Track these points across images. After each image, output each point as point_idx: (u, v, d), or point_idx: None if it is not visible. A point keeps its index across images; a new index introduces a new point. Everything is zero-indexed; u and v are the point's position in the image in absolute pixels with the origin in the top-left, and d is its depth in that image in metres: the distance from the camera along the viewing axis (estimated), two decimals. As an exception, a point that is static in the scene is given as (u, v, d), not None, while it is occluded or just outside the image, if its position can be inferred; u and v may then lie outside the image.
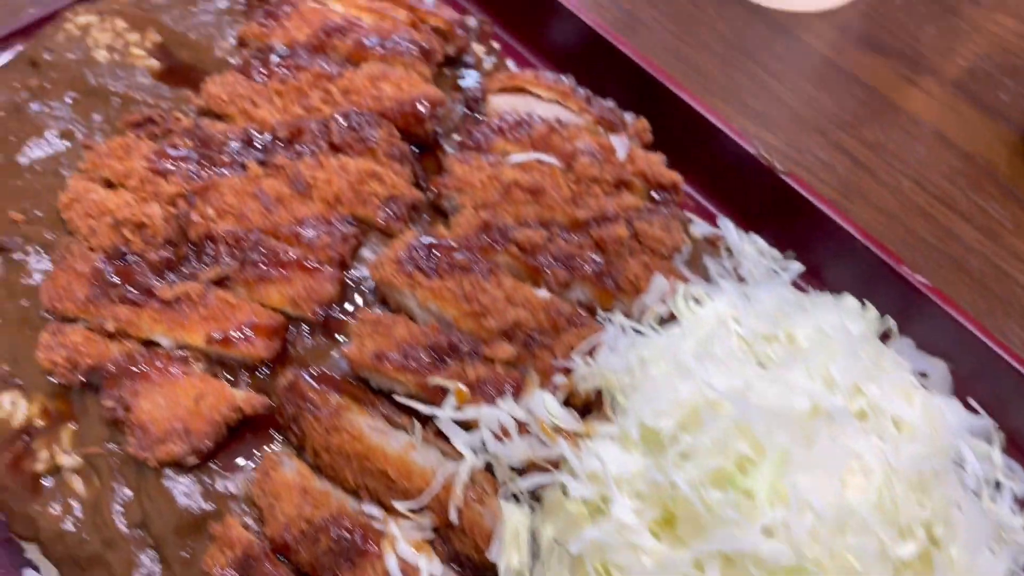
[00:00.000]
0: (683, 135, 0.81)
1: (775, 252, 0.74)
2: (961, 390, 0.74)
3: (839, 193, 0.92)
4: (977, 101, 1.00)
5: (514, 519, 0.52)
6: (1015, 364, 0.74)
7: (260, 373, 0.60)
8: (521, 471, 0.55)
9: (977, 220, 0.91)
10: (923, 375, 0.73)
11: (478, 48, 0.82)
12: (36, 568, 0.61)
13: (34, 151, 0.67)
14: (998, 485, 0.71)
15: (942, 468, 0.52)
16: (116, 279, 0.59)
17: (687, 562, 0.46)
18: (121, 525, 0.55)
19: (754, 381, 0.52)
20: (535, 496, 0.55)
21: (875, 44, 1.04)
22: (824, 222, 0.79)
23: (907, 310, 0.76)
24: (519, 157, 0.67)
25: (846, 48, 1.03)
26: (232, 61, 0.74)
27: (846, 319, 0.59)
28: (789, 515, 0.46)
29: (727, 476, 0.48)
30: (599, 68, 0.87)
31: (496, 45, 0.86)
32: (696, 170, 0.82)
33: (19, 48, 0.88)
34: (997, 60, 1.04)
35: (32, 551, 0.59)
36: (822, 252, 0.79)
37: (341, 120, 0.67)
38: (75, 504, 0.56)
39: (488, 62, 0.81)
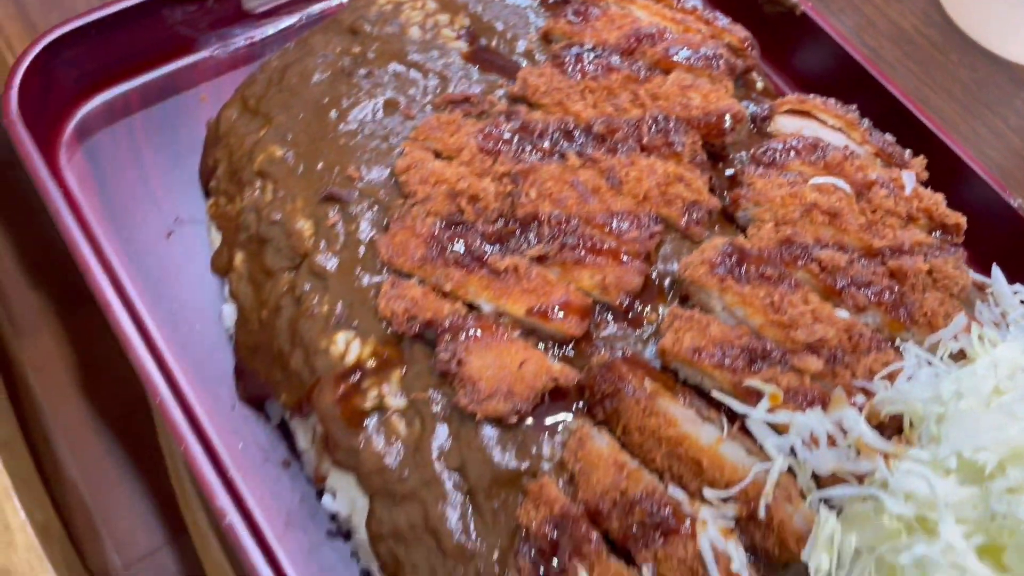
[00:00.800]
0: (935, 179, 0.83)
1: (1029, 298, 0.75)
2: None
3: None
4: None
5: (829, 525, 0.55)
6: None
7: (565, 350, 0.64)
8: (819, 481, 0.58)
9: None
10: None
11: (753, 73, 0.84)
12: (332, 494, 0.67)
13: (363, 115, 0.73)
14: None
15: None
16: (451, 244, 0.64)
17: (1021, 591, 0.48)
18: (440, 468, 0.60)
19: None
20: (831, 506, 0.57)
21: (1118, 110, 1.03)
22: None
23: None
24: (818, 179, 0.70)
25: (1086, 111, 1.03)
26: (537, 55, 0.78)
27: None
28: None
29: (1060, 516, 0.50)
30: (851, 99, 0.89)
31: (764, 70, 0.89)
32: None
33: (321, 6, 0.95)
34: None
35: (338, 479, 0.65)
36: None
37: (652, 123, 0.70)
38: (397, 443, 0.61)
39: (760, 82, 0.84)
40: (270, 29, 0.94)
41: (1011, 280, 0.80)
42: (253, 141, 0.73)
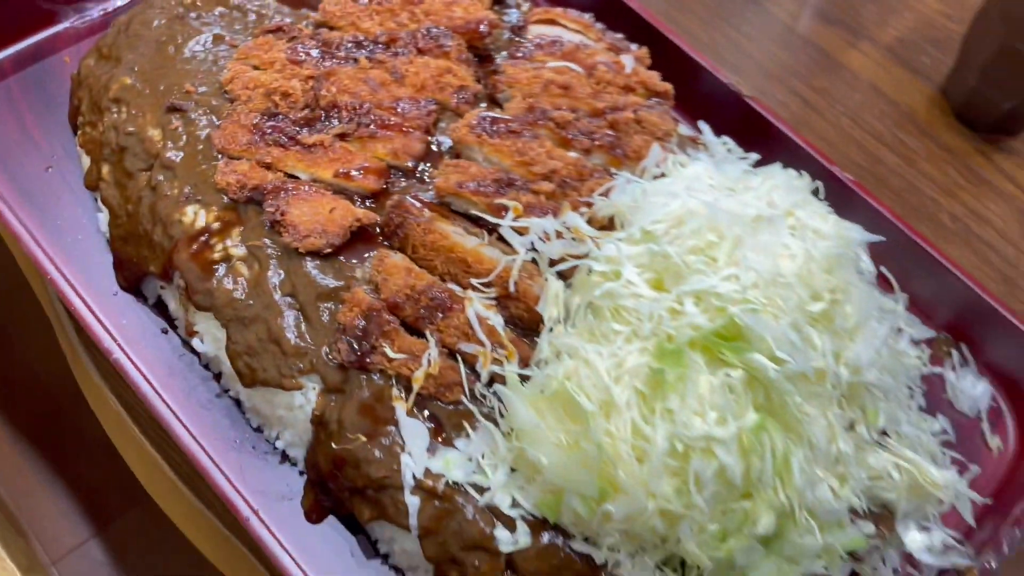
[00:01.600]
0: (671, 69, 1.06)
1: (741, 151, 0.99)
2: (876, 262, 1.00)
3: (792, 125, 1.17)
4: (905, 63, 1.26)
5: (555, 286, 0.76)
6: (920, 242, 0.99)
7: (368, 202, 0.84)
8: (552, 263, 0.79)
9: (898, 150, 1.17)
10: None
11: (517, -5, 1.07)
12: (200, 339, 0.84)
13: (195, 47, 0.91)
14: (900, 330, 0.97)
15: (845, 260, 0.77)
16: (269, 130, 0.83)
17: (672, 299, 0.70)
18: (276, 295, 0.78)
19: (720, 198, 0.76)
20: (566, 281, 0.78)
21: (826, 16, 1.29)
22: (776, 133, 1.04)
23: (836, 199, 1.01)
24: (554, 64, 0.92)
25: (803, 18, 1.29)
26: (337, -8, 0.98)
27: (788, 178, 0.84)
28: (739, 271, 0.71)
29: (699, 249, 0.72)
30: (608, 19, 1.11)
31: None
32: (681, 96, 1.06)
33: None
34: (922, 32, 1.30)
35: (202, 323, 0.82)
36: (771, 154, 1.03)
37: (425, 33, 0.91)
38: (242, 281, 0.79)
39: (525, 5, 1.06)
40: (119, 1, 1.10)
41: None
42: (108, 77, 0.90)
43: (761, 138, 1.04)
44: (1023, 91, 1.12)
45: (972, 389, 0.96)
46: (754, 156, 0.96)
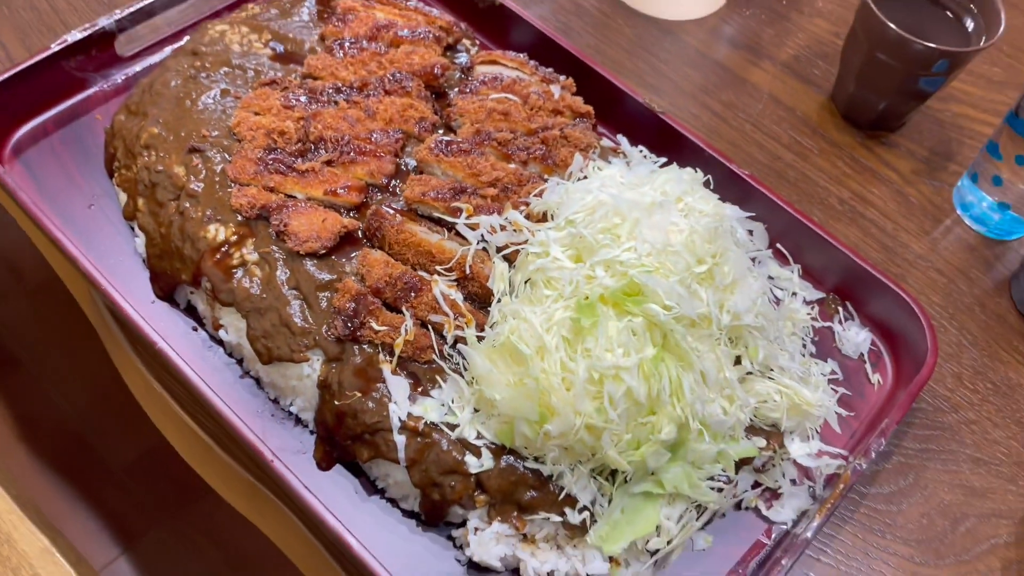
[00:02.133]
0: (598, 94, 1.29)
1: (653, 156, 1.21)
2: (773, 241, 1.22)
3: (704, 133, 1.39)
4: (799, 76, 1.49)
5: (500, 267, 0.98)
6: (809, 224, 1.21)
7: (352, 213, 1.05)
8: (499, 250, 1.01)
9: (794, 148, 1.39)
10: (749, 232, 1.20)
11: (466, 41, 1.29)
12: (226, 330, 1.05)
13: (206, 100, 1.13)
14: (795, 294, 1.19)
15: (723, 232, 0.99)
16: (271, 162, 1.05)
17: (587, 268, 0.92)
18: (284, 289, 0.99)
19: (624, 191, 0.98)
20: (510, 263, 1.00)
21: (732, 40, 1.53)
22: (683, 140, 1.27)
23: (739, 191, 1.23)
24: (496, 95, 1.14)
25: (712, 43, 1.52)
26: (317, 49, 1.21)
27: (681, 173, 1.06)
28: (637, 244, 0.92)
29: (607, 230, 0.94)
30: (545, 57, 1.34)
31: (477, 40, 1.34)
32: (606, 115, 1.29)
33: (171, 47, 1.35)
34: (813, 49, 1.53)
35: (225, 317, 1.03)
36: (682, 158, 1.25)
37: (390, 77, 1.13)
38: (256, 280, 1.00)
39: (473, 50, 1.29)
40: (138, 66, 1.32)
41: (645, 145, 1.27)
42: (138, 128, 1.12)
43: (673, 146, 1.27)
44: (891, 92, 1.35)
45: (856, 337, 1.17)
46: (662, 159, 1.19)
